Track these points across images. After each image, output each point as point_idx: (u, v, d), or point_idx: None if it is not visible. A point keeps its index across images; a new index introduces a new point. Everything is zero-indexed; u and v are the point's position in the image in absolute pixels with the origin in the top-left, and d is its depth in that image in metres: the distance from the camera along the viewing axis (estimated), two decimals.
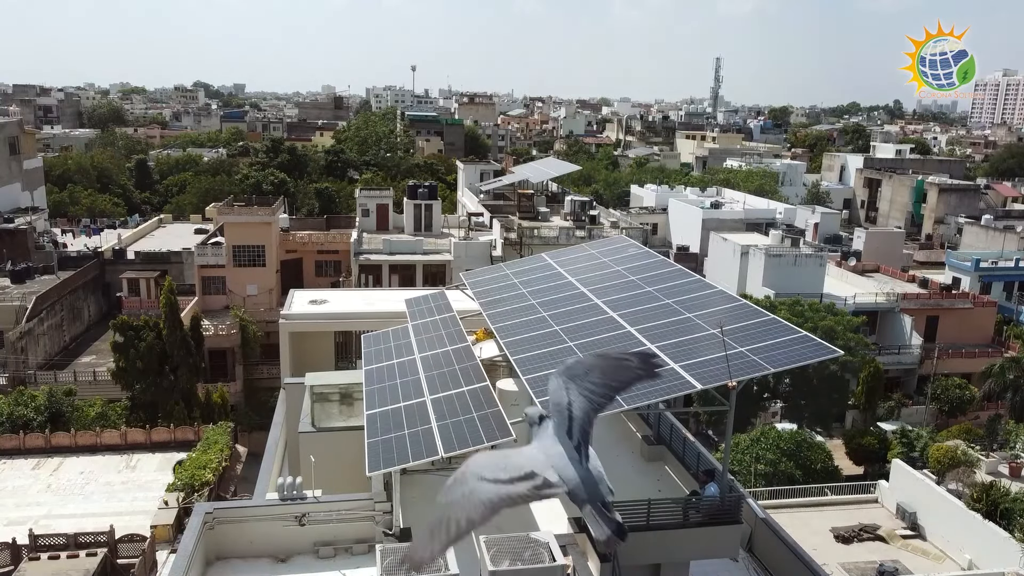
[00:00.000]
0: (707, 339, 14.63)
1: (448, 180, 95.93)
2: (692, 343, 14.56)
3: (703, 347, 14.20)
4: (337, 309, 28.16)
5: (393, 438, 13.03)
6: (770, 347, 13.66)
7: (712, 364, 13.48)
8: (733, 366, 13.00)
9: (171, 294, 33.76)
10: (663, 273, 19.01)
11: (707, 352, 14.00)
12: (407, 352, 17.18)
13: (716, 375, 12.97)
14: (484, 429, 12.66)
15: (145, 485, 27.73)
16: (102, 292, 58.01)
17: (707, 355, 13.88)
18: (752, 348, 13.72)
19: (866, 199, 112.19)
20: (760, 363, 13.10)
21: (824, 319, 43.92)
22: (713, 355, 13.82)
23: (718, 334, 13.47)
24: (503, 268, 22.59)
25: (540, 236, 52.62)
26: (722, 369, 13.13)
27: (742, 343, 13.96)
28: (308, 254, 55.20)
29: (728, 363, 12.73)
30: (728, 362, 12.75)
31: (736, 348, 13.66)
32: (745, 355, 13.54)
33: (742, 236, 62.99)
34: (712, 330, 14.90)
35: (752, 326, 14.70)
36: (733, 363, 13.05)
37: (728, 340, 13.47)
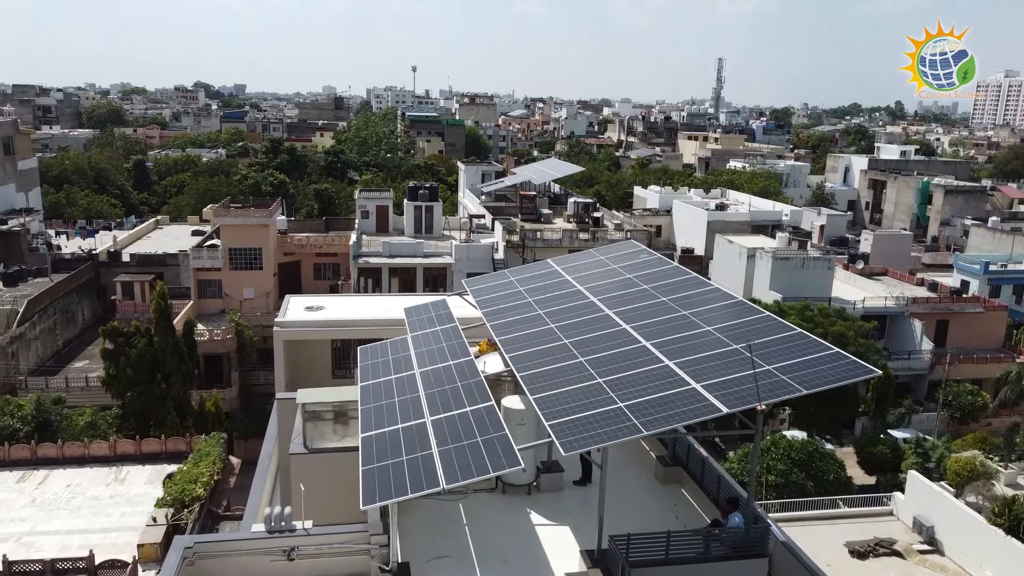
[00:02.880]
0: (729, 355, 13.54)
1: (449, 181, 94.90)
2: (713, 359, 13.47)
3: (727, 365, 13.11)
4: (334, 316, 27.07)
5: (390, 465, 11.96)
6: (800, 365, 12.58)
7: (738, 384, 12.39)
8: (762, 386, 11.92)
9: (163, 299, 32.69)
10: (678, 282, 17.94)
11: (731, 370, 12.91)
12: (406, 367, 16.10)
13: (743, 397, 11.88)
14: (490, 456, 11.60)
15: (134, 499, 26.65)
16: (97, 295, 56.96)
17: (731, 373, 12.79)
18: (781, 366, 12.63)
19: (871, 200, 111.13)
20: (790, 383, 12.02)
21: (835, 324, 42.85)
22: (738, 373, 12.74)
23: (745, 352, 12.40)
24: (507, 275, 21.51)
25: (543, 239, 51.58)
26: (749, 390, 12.06)
27: (769, 360, 12.88)
28: (307, 257, 54.15)
29: (757, 384, 11.65)
30: (757, 383, 11.67)
31: (763, 366, 12.58)
32: (773, 374, 12.45)
33: (748, 238, 61.92)
34: (735, 345, 13.82)
35: (779, 341, 13.61)
36: (761, 383, 11.98)
37: (756, 358, 12.40)
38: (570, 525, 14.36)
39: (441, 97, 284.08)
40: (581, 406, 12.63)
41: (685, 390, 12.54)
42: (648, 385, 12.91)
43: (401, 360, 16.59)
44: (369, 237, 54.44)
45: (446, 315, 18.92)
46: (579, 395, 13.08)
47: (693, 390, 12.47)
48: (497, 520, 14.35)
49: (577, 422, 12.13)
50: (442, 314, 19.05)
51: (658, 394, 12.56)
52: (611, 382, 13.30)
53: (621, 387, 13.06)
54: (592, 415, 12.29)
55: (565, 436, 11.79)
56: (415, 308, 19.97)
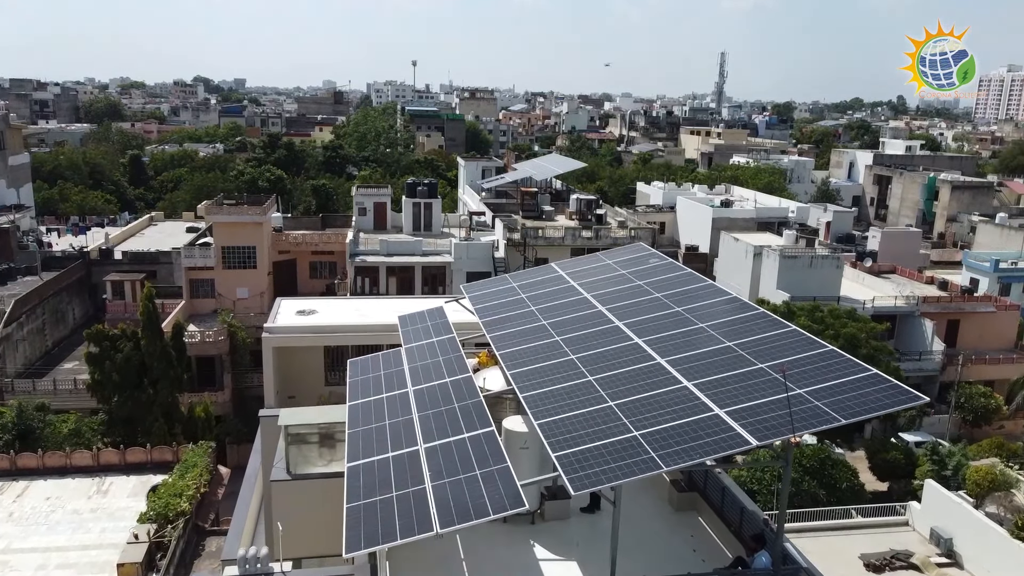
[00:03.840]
0: (754, 375, 12.24)
1: (449, 176, 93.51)
2: (737, 381, 12.17)
3: (753, 387, 11.81)
4: (327, 321, 25.77)
5: (378, 503, 10.67)
6: (836, 389, 11.28)
7: (766, 410, 11.09)
8: (795, 414, 10.63)
9: (150, 301, 31.38)
10: (692, 290, 16.63)
11: (758, 393, 11.61)
12: (399, 384, 14.81)
13: (774, 427, 10.58)
14: (490, 495, 10.31)
15: (116, 513, 25.36)
16: (88, 294, 55.67)
17: (758, 397, 11.49)
18: (814, 390, 11.33)
19: (876, 196, 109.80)
20: (826, 411, 10.71)
21: (846, 326, 41.54)
22: (767, 397, 11.44)
23: (775, 374, 11.12)
24: (508, 280, 20.21)
25: (545, 237, 50.25)
26: (780, 418, 10.77)
27: (800, 382, 11.58)
28: (302, 255, 52.83)
29: (791, 413, 10.36)
30: (791, 411, 10.38)
31: (794, 389, 11.28)
32: (806, 399, 11.15)
33: (754, 236, 60.57)
34: (760, 364, 12.52)
35: (810, 360, 12.31)
36: (794, 410, 10.69)
37: (786, 383, 11.10)
38: (577, 560, 13.10)
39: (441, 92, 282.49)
40: (591, 435, 11.35)
41: (708, 417, 11.24)
42: (666, 411, 11.62)
43: (394, 376, 15.29)
44: (366, 235, 53.12)
45: (443, 325, 17.62)
46: (589, 421, 11.80)
47: (717, 418, 11.17)
48: (497, 555, 13.07)
49: (587, 454, 10.85)
50: (439, 324, 17.74)
51: (677, 421, 11.27)
52: (624, 406, 12.01)
53: (635, 412, 11.77)
54: (604, 445, 11.01)
55: (574, 471, 10.50)
56: (410, 317, 18.67)
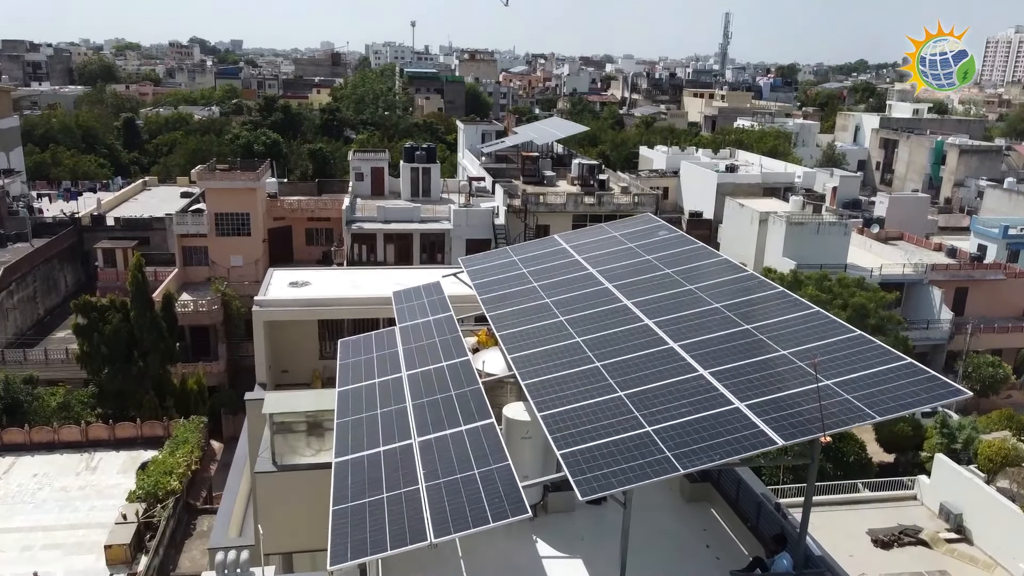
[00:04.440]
0: (776, 363, 11.28)
1: (448, 140, 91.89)
2: (758, 369, 11.20)
3: (776, 377, 10.85)
4: (320, 294, 24.77)
5: (368, 506, 9.78)
6: (867, 380, 10.31)
7: (791, 404, 10.14)
8: (825, 410, 9.67)
9: (139, 271, 30.36)
10: (705, 266, 15.61)
11: (782, 384, 10.65)
12: (392, 367, 13.86)
13: (800, 425, 9.63)
14: (489, 499, 9.41)
15: (105, 491, 24.68)
16: (80, 261, 54.66)
17: (782, 389, 10.54)
18: (843, 382, 10.36)
19: (882, 161, 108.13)
20: (858, 407, 9.76)
21: (854, 295, 40.57)
22: (791, 390, 10.49)
23: (809, 369, 10.15)
24: (509, 253, 19.17)
25: (546, 203, 49.04)
26: (807, 413, 9.82)
27: (827, 372, 10.60)
28: (298, 221, 51.68)
29: (822, 410, 9.40)
30: (822, 408, 9.43)
31: (821, 380, 10.32)
32: (834, 391, 10.19)
33: (759, 202, 59.32)
34: (782, 351, 11.55)
35: (836, 346, 11.33)
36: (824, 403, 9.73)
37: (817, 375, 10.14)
38: (583, 557, 12.26)
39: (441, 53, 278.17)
40: (600, 430, 10.41)
41: (727, 411, 10.29)
42: (681, 403, 10.67)
43: (387, 359, 14.33)
44: (363, 201, 51.89)
45: (440, 302, 16.62)
46: (597, 413, 10.85)
47: (737, 412, 10.22)
48: (497, 551, 12.23)
49: (596, 452, 9.92)
50: (435, 300, 16.74)
51: (694, 415, 10.32)
52: (635, 397, 11.06)
53: (648, 404, 10.83)
54: (614, 443, 10.07)
55: (582, 472, 9.58)
56: (405, 293, 17.66)
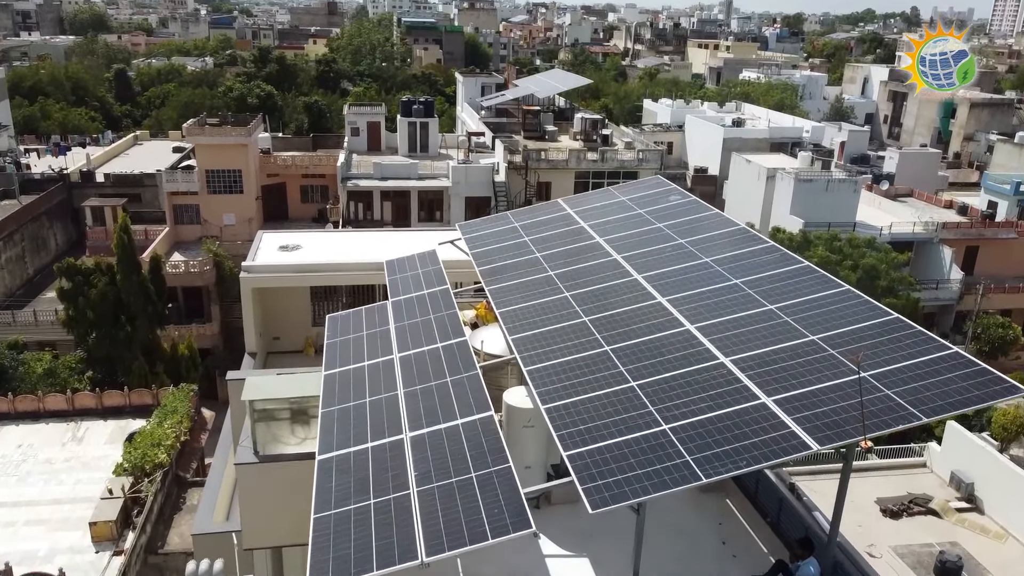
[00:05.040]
0: (806, 350, 10.20)
1: (447, 93, 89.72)
2: (785, 356, 10.13)
3: (806, 367, 9.78)
4: (312, 259, 23.62)
5: (352, 514, 8.80)
6: (909, 374, 9.25)
7: (825, 400, 9.09)
8: (866, 410, 8.63)
9: (125, 233, 29.18)
10: (720, 236, 14.45)
11: (813, 376, 9.58)
12: (384, 348, 12.80)
13: (836, 426, 8.58)
14: (488, 511, 8.41)
15: (92, 463, 23.85)
16: (71, 218, 53.33)
17: (815, 382, 9.46)
18: (882, 374, 9.30)
19: (890, 114, 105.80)
20: (903, 406, 8.70)
21: (865, 256, 39.40)
22: (825, 382, 9.42)
23: (852, 364, 9.08)
24: (510, 218, 17.98)
25: (548, 159, 47.55)
26: (842, 411, 8.78)
27: (864, 363, 9.53)
28: (292, 178, 50.23)
29: (863, 413, 8.36)
30: (863, 410, 8.38)
31: (854, 371, 9.26)
32: (873, 386, 9.13)
33: (766, 157, 57.75)
34: (812, 336, 10.46)
35: (871, 331, 10.24)
36: (858, 401, 8.69)
37: (848, 363, 9.05)
38: (589, 555, 11.37)
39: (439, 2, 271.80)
40: (611, 427, 9.38)
41: (752, 407, 9.24)
42: (701, 396, 9.62)
43: (378, 338, 13.26)
44: (359, 157, 50.40)
45: (435, 273, 15.48)
46: (607, 407, 9.81)
47: (764, 408, 9.17)
48: (497, 549, 11.28)
49: (606, 454, 8.90)
50: (431, 272, 15.60)
51: (715, 412, 9.28)
52: (649, 388, 10.01)
53: (663, 397, 9.78)
54: (626, 443, 9.05)
55: (592, 478, 8.58)
56: (398, 263, 16.51)
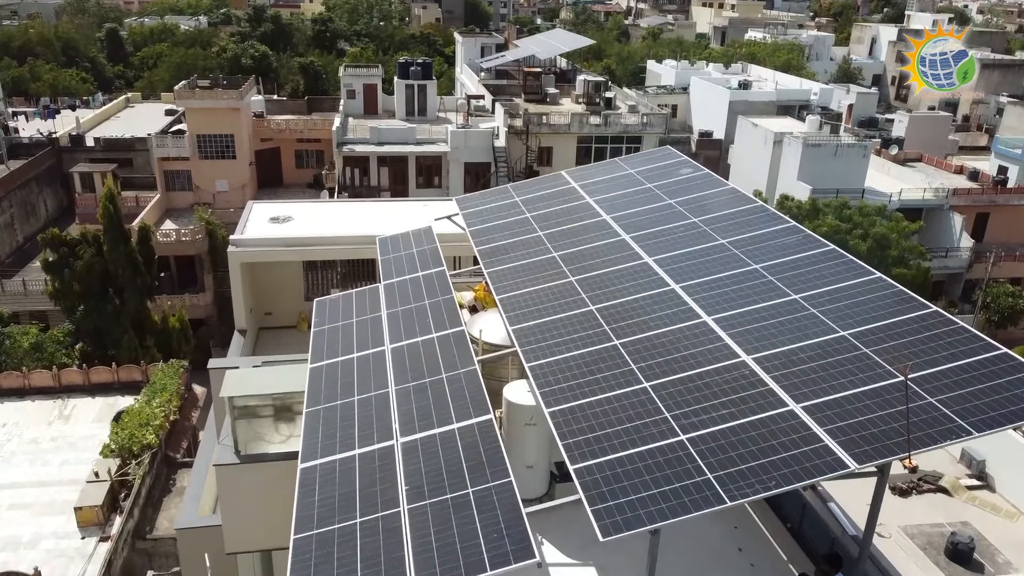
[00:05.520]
0: (836, 348, 9.26)
1: (446, 53, 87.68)
2: (813, 353, 9.19)
3: (838, 368, 8.84)
4: (304, 232, 22.56)
5: (336, 535, 7.94)
6: (955, 377, 8.31)
7: (859, 408, 8.16)
8: (899, 418, 7.72)
9: (111, 202, 28.10)
10: (737, 215, 13.42)
11: (846, 380, 8.64)
12: (374, 338, 11.87)
13: (875, 440, 7.66)
14: (487, 537, 7.52)
15: (79, 443, 23.11)
16: (60, 184, 52.08)
17: (848, 387, 8.52)
18: (923, 378, 8.36)
19: (898, 75, 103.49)
20: (950, 417, 7.77)
21: (875, 225, 38.30)
22: (859, 387, 8.49)
23: (897, 373, 8.14)
24: (510, 192, 16.93)
25: (549, 124, 46.20)
26: (880, 422, 7.87)
27: (902, 363, 8.60)
28: (286, 143, 48.90)
29: (909, 428, 7.44)
30: (909, 422, 7.46)
31: (898, 377, 8.33)
32: (915, 392, 8.20)
33: (773, 121, 56.29)
34: (842, 331, 9.51)
35: (908, 327, 9.28)
36: (902, 412, 7.77)
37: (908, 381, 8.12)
38: (596, 564, 10.57)
39: None
40: (623, 435, 8.47)
41: (779, 415, 8.32)
42: (722, 401, 8.70)
43: (368, 326, 12.31)
44: (356, 121, 48.99)
45: (431, 253, 14.48)
46: (618, 411, 8.89)
47: (792, 416, 8.25)
48: None
49: (619, 468, 8.00)
50: (426, 251, 14.61)
51: (739, 420, 8.37)
52: (664, 390, 9.08)
53: (680, 401, 8.85)
54: (641, 455, 8.14)
55: (603, 498, 7.70)
56: (391, 240, 15.50)
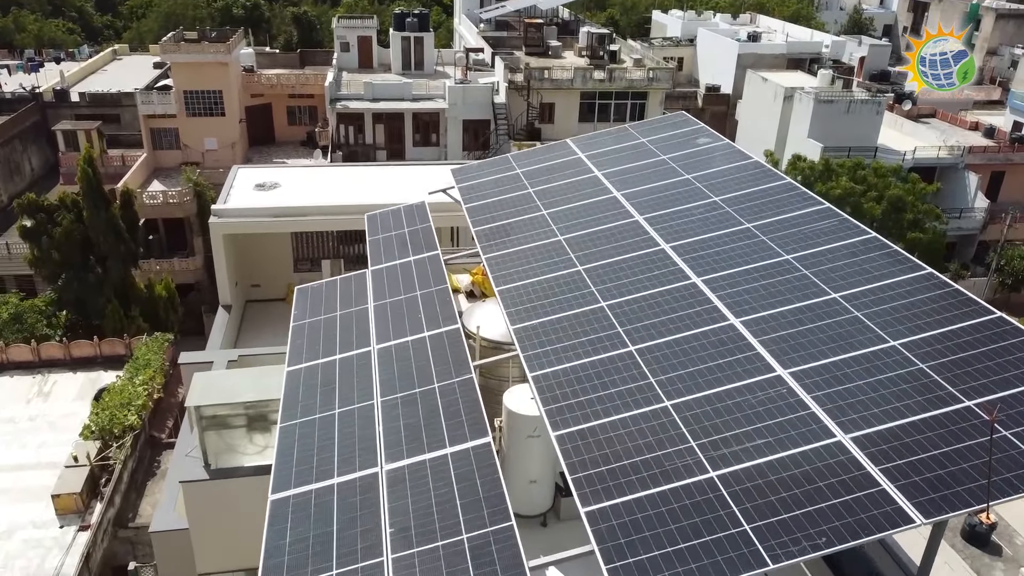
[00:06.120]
0: (885, 360, 8.02)
1: (444, 2, 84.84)
2: (860, 371, 7.95)
3: (890, 390, 7.61)
4: (292, 201, 21.24)
5: None
6: None
7: (920, 440, 6.95)
8: (969, 456, 6.53)
9: (90, 165, 26.65)
10: (760, 194, 12.06)
11: (902, 405, 7.42)
12: (360, 336, 10.62)
13: (943, 486, 6.47)
14: None
15: (58, 423, 22.03)
16: (46, 141, 50.30)
17: (904, 413, 7.31)
18: (998, 402, 7.14)
19: (909, 25, 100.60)
20: None
21: (890, 187, 36.80)
22: (916, 415, 7.26)
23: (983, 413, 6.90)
24: (511, 163, 15.52)
25: (551, 79, 44.35)
26: (945, 460, 6.67)
27: (965, 385, 7.38)
28: (278, 99, 47.05)
29: (991, 474, 6.24)
30: (991, 469, 6.27)
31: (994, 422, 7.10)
32: (990, 425, 6.98)
33: (783, 75, 54.27)
34: (893, 341, 8.25)
35: (970, 337, 8.04)
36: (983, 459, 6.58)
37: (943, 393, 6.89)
38: None
39: None
40: (642, 469, 7.27)
41: (826, 448, 7.10)
42: (757, 428, 7.48)
43: (354, 321, 11.05)
44: (350, 75, 47.11)
45: (424, 234, 13.16)
46: (635, 437, 7.68)
47: (842, 451, 7.03)
48: None
49: (638, 512, 6.82)
50: (418, 232, 13.28)
51: (780, 453, 7.15)
52: (690, 412, 7.85)
53: (709, 426, 7.63)
54: (664, 496, 6.95)
55: (620, 553, 6.54)
56: (381, 218, 14.14)
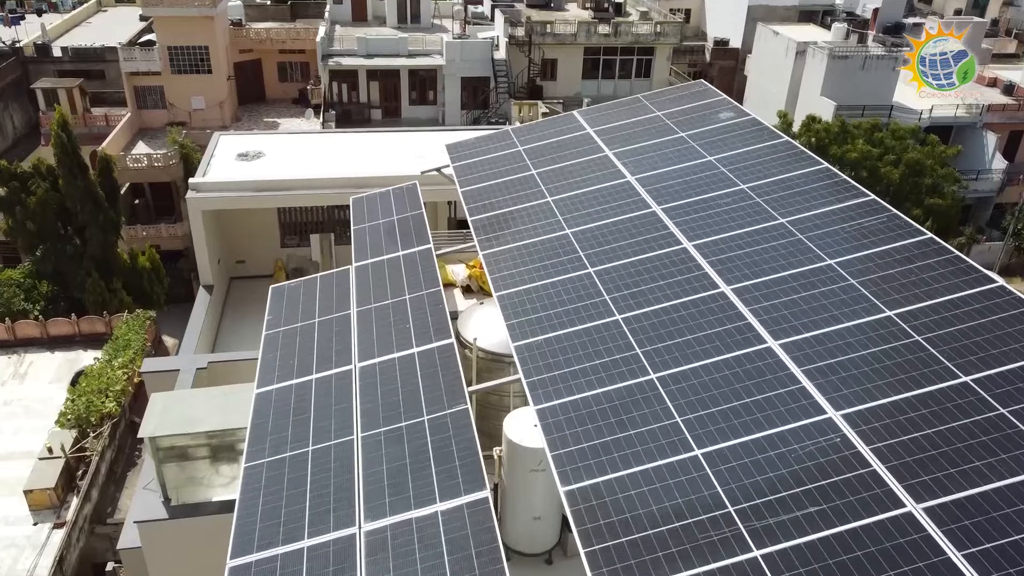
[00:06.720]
0: (954, 398, 6.75)
1: None
2: (925, 416, 6.68)
3: (963, 444, 6.36)
4: (276, 174, 19.73)
5: None
6: None
7: (988, 500, 5.73)
8: None
9: (64, 131, 25.06)
10: (796, 180, 10.66)
11: (979, 463, 6.18)
12: (340, 350, 9.33)
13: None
14: None
15: (34, 407, 20.90)
16: (28, 98, 48.40)
17: (985, 478, 6.06)
18: None
19: None
20: None
21: (908, 150, 35.18)
22: (999, 480, 6.02)
23: None
24: (512, 140, 14.05)
25: (554, 33, 42.36)
26: (1018, 518, 5.45)
27: None
28: (268, 55, 45.03)
29: None
30: None
31: None
32: None
33: (796, 29, 52.12)
34: (964, 376, 6.97)
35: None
36: None
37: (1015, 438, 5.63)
38: None
39: None
40: (670, 542, 6.05)
41: (894, 520, 5.86)
42: (811, 490, 6.24)
43: (334, 332, 9.75)
44: (343, 29, 45.06)
45: (416, 223, 11.76)
46: (661, 502, 6.46)
47: (914, 526, 5.81)
48: None
49: None
50: (409, 220, 11.89)
51: (837, 527, 5.92)
52: (723, 462, 6.60)
53: (751, 488, 6.39)
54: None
55: None
56: (368, 202, 12.73)
